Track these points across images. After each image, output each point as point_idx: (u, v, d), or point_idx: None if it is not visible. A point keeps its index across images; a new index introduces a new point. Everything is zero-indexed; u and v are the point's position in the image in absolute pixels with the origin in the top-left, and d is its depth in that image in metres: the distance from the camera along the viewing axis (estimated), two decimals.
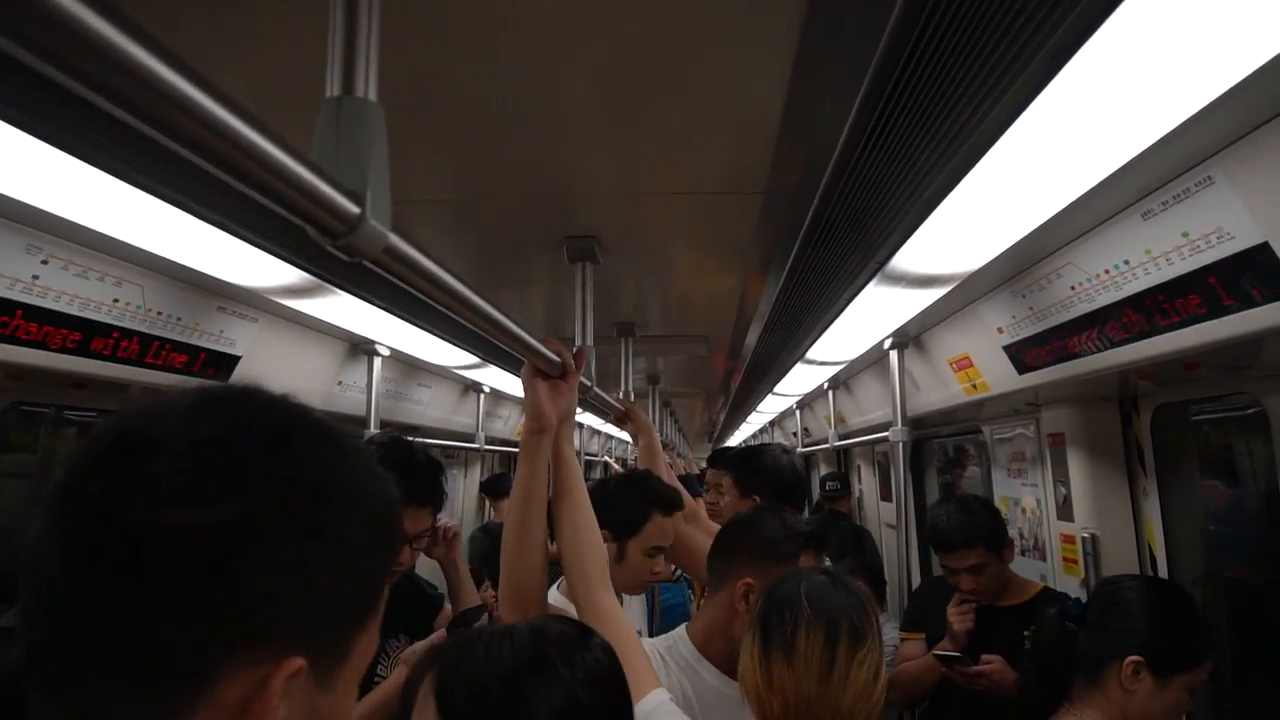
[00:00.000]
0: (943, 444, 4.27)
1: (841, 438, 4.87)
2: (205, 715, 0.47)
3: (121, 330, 1.98)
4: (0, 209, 1.53)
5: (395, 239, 0.69)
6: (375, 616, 0.58)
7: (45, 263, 1.70)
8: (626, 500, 1.91)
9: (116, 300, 1.92)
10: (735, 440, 9.80)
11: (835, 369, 3.83)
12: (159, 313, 2.06)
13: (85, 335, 1.90)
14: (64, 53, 0.38)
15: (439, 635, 1.76)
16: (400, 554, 1.84)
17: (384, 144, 0.67)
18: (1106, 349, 1.79)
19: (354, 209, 0.62)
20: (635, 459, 3.00)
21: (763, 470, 2.44)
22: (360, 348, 3.16)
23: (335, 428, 0.57)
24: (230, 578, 0.47)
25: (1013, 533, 2.56)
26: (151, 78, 0.42)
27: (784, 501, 2.37)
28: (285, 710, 0.50)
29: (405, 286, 0.81)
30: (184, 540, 0.46)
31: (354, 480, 0.55)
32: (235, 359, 2.46)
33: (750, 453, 2.66)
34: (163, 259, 1.82)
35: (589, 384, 1.75)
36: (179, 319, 2.14)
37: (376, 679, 1.82)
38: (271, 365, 2.68)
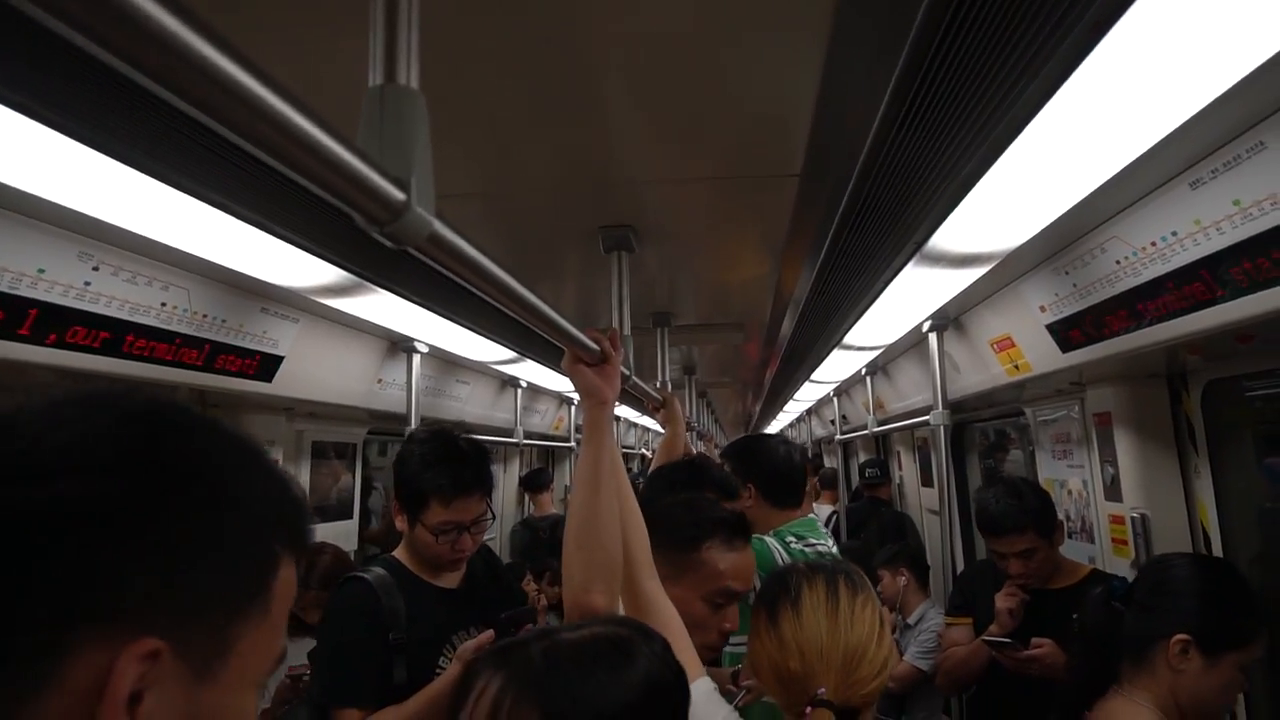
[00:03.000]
0: (983, 428, 4.21)
1: (881, 423, 4.83)
2: (56, 703, 0.46)
3: (169, 333, 2.03)
4: (55, 218, 1.57)
5: (440, 226, 0.70)
6: (261, 613, 0.56)
7: (96, 269, 1.75)
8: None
9: (164, 304, 1.97)
10: (772, 429, 9.76)
11: (873, 354, 3.80)
12: (204, 315, 2.11)
13: (135, 339, 1.94)
14: (126, 43, 0.39)
15: (487, 635, 1.74)
16: (460, 542, 1.87)
17: (427, 131, 0.68)
18: (1155, 323, 1.75)
19: (400, 195, 0.63)
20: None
21: (759, 459, 2.38)
22: (399, 345, 3.19)
23: (220, 424, 0.58)
24: (71, 553, 0.47)
25: (1059, 515, 2.52)
26: (209, 67, 0.43)
27: (778, 491, 2.31)
28: (154, 700, 0.48)
29: (448, 274, 0.81)
30: (25, 516, 0.46)
31: (223, 470, 0.55)
32: (279, 359, 2.51)
33: (750, 441, 2.63)
34: (207, 261, 1.86)
35: (628, 373, 1.75)
36: (223, 321, 2.19)
37: (437, 672, 1.82)
38: (314, 365, 2.72)
